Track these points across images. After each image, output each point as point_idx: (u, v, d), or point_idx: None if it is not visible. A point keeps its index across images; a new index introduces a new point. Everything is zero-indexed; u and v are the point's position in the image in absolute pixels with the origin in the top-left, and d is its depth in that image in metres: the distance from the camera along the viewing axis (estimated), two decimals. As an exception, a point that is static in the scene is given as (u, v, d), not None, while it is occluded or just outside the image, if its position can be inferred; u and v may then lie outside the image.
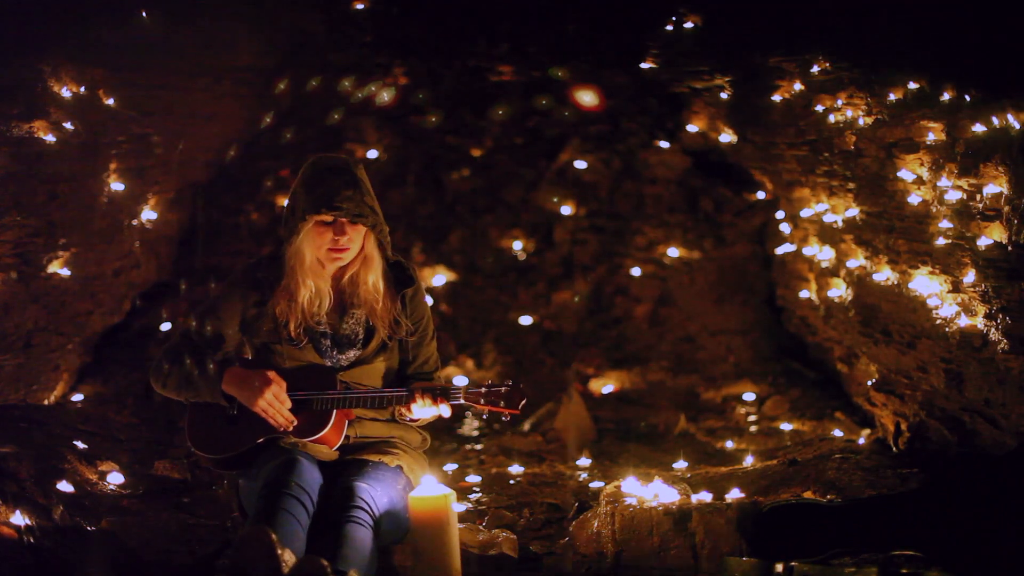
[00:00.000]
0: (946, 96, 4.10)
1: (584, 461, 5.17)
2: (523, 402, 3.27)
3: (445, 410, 3.27)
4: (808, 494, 3.92)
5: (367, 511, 3.02)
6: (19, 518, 3.23)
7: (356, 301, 3.35)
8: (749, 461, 4.91)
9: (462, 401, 3.27)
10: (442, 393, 3.25)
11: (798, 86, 5.02)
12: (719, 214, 7.20)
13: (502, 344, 6.99)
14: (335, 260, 3.28)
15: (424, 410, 3.27)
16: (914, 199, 4.28)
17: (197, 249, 6.85)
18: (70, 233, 4.75)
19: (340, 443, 3.29)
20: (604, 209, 7.39)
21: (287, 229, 3.27)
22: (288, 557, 2.62)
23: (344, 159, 3.32)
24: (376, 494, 3.08)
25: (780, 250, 6.58)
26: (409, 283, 3.41)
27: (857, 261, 5.10)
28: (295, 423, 3.20)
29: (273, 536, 2.60)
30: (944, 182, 4.00)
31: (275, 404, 3.17)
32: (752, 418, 5.97)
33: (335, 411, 3.24)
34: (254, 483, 3.13)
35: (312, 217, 3.20)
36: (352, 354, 3.35)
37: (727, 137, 6.36)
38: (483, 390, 3.26)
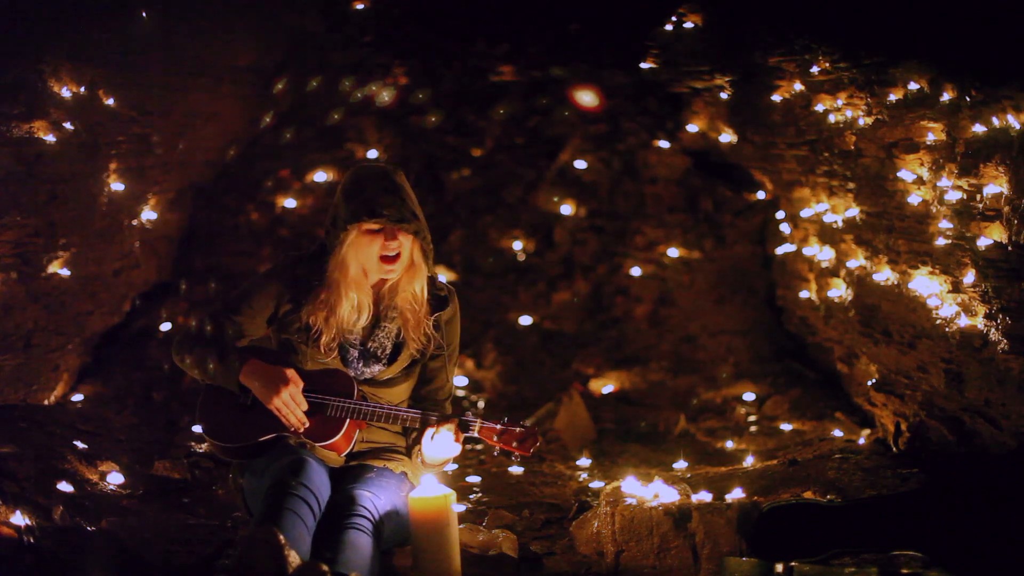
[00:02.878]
0: (946, 96, 4.10)
1: (584, 461, 5.17)
2: (536, 446, 3.28)
3: (457, 448, 3.26)
4: (808, 494, 3.92)
5: (369, 518, 3.01)
6: (19, 518, 3.23)
7: (391, 313, 3.33)
8: (749, 461, 4.91)
9: (476, 434, 3.26)
10: (460, 425, 3.24)
11: (798, 86, 5.02)
12: (719, 214, 7.20)
13: (502, 344, 6.99)
14: (388, 272, 3.25)
15: (438, 439, 3.23)
16: (914, 199, 4.28)
17: (197, 249, 6.86)
18: (70, 233, 4.75)
19: (349, 450, 3.29)
20: (604, 209, 7.39)
21: (330, 240, 3.24)
22: (293, 558, 2.61)
23: (383, 167, 3.29)
24: (379, 502, 3.07)
25: (780, 250, 6.58)
26: (444, 306, 3.41)
27: (857, 261, 5.10)
28: (307, 425, 3.20)
29: (281, 538, 2.60)
30: (944, 182, 4.01)
31: (290, 404, 3.16)
32: (752, 418, 5.97)
33: (348, 420, 3.24)
34: (260, 481, 3.13)
35: (353, 227, 3.18)
36: (376, 368, 3.34)
37: (727, 137, 6.37)
38: (499, 427, 3.26)
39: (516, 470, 4.92)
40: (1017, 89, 3.70)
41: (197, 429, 3.41)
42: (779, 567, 2.93)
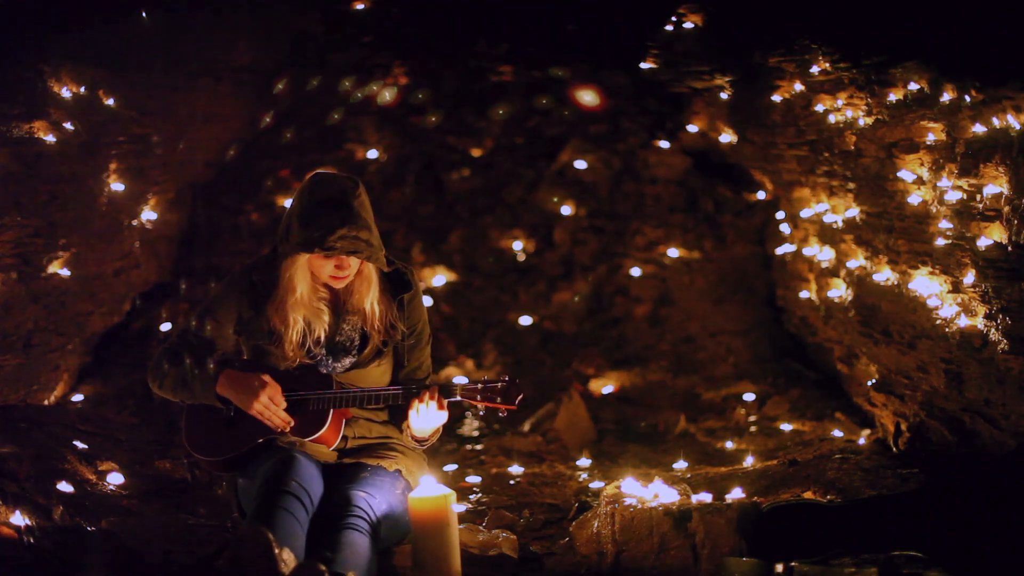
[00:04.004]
0: (946, 96, 4.10)
1: (584, 461, 5.17)
2: (520, 397, 3.26)
3: (443, 415, 3.27)
4: (808, 494, 3.92)
5: (365, 518, 3.02)
6: (19, 518, 3.23)
7: (351, 307, 3.34)
8: (749, 461, 4.91)
9: (459, 398, 3.26)
10: (440, 391, 3.25)
11: (798, 86, 5.02)
12: (719, 214, 7.20)
13: (502, 344, 6.99)
14: (336, 284, 3.27)
15: (425, 411, 3.25)
16: (914, 199, 4.28)
17: (197, 249, 6.86)
18: (70, 233, 4.75)
19: (338, 443, 3.30)
20: (604, 209, 7.39)
21: (281, 251, 3.25)
22: (287, 556, 2.61)
23: (343, 185, 3.20)
24: (374, 501, 3.08)
25: (780, 250, 6.58)
26: (407, 287, 3.40)
27: (857, 261, 5.10)
28: (292, 424, 3.20)
29: (270, 536, 2.59)
30: (944, 182, 4.01)
31: (271, 406, 3.17)
32: (752, 418, 5.97)
33: (332, 410, 3.24)
34: (252, 482, 3.13)
35: (304, 255, 3.19)
36: (347, 361, 3.35)
37: (727, 137, 6.36)
38: (479, 387, 3.26)
39: (516, 470, 4.92)
40: (1017, 89, 3.70)
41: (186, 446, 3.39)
42: (779, 567, 2.93)
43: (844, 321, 5.38)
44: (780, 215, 6.50)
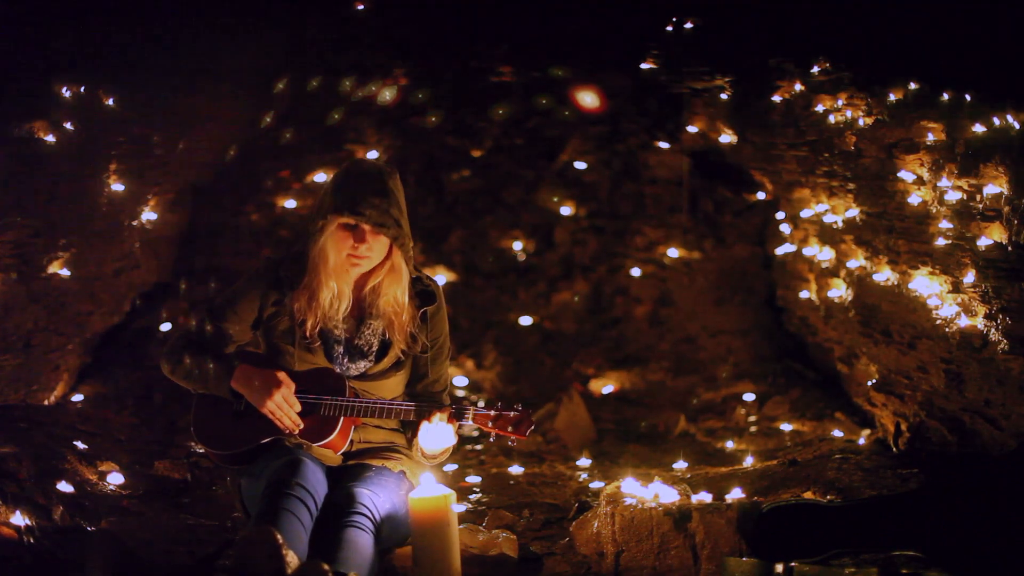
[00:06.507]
0: (946, 96, 4.10)
1: (584, 461, 5.17)
2: (531, 429, 3.28)
3: (453, 437, 3.27)
4: (808, 494, 3.92)
5: (368, 517, 3.01)
6: (19, 518, 3.23)
7: (375, 312, 3.33)
8: (749, 461, 4.91)
9: (471, 422, 3.27)
10: (454, 413, 3.25)
11: (798, 86, 5.03)
12: (719, 214, 7.20)
13: (502, 344, 6.99)
14: (353, 266, 3.25)
15: (433, 429, 3.24)
16: (914, 199, 4.28)
17: (197, 249, 6.86)
18: (70, 233, 4.75)
19: (345, 448, 3.29)
20: (604, 209, 7.39)
21: (311, 227, 3.24)
22: (291, 558, 2.61)
23: (379, 167, 3.26)
24: (378, 500, 3.07)
25: (780, 250, 6.58)
26: (431, 300, 3.40)
27: (857, 261, 5.10)
28: (302, 426, 3.20)
29: (278, 537, 2.59)
30: (944, 182, 4.01)
31: (283, 407, 3.16)
32: (752, 418, 5.97)
33: (343, 417, 3.24)
34: (257, 483, 3.12)
35: (333, 218, 3.17)
36: (363, 365, 3.34)
37: (727, 138, 6.36)
38: (493, 413, 3.26)
39: (516, 470, 4.92)
40: (1017, 89, 3.70)
41: (193, 436, 3.39)
42: (779, 567, 2.93)
43: (844, 321, 5.38)
44: (780, 215, 6.50)
